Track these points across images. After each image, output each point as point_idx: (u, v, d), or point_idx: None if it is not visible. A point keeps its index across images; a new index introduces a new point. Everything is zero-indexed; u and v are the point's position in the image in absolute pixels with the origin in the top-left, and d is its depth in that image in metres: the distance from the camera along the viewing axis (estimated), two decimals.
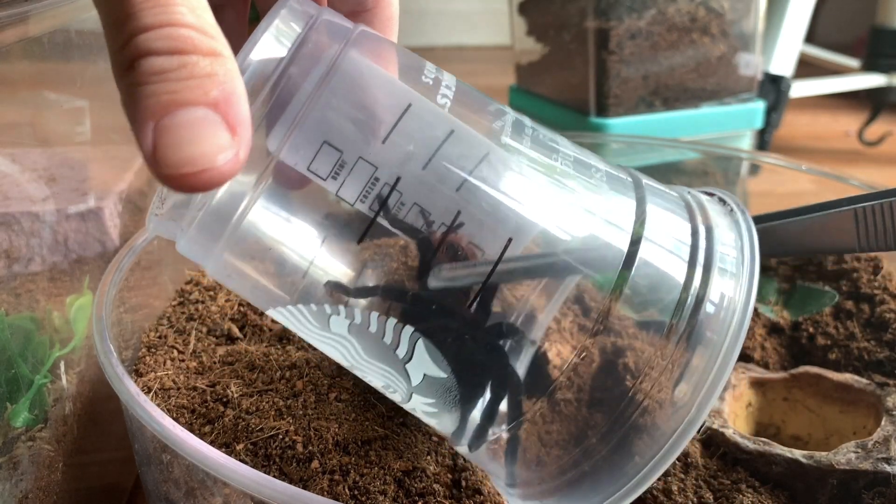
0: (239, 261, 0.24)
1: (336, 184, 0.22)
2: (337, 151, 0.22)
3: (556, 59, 0.71)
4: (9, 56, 0.32)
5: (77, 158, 0.43)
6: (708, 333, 0.23)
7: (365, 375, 0.26)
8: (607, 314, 0.23)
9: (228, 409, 0.31)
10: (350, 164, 0.22)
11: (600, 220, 0.24)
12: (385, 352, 0.24)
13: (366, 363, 0.25)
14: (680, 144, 0.61)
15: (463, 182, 0.23)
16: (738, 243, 0.25)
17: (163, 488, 0.29)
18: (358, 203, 0.22)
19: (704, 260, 0.24)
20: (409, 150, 0.22)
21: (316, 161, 0.22)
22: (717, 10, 0.65)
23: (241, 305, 0.40)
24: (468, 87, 0.26)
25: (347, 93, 0.22)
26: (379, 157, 0.22)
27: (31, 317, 0.34)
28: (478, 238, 0.23)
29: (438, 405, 0.25)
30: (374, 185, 0.22)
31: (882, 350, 0.38)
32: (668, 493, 0.30)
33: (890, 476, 0.29)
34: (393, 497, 0.27)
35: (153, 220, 0.24)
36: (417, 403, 0.25)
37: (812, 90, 0.95)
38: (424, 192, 0.22)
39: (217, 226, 0.23)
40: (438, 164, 0.23)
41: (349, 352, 0.25)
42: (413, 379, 0.24)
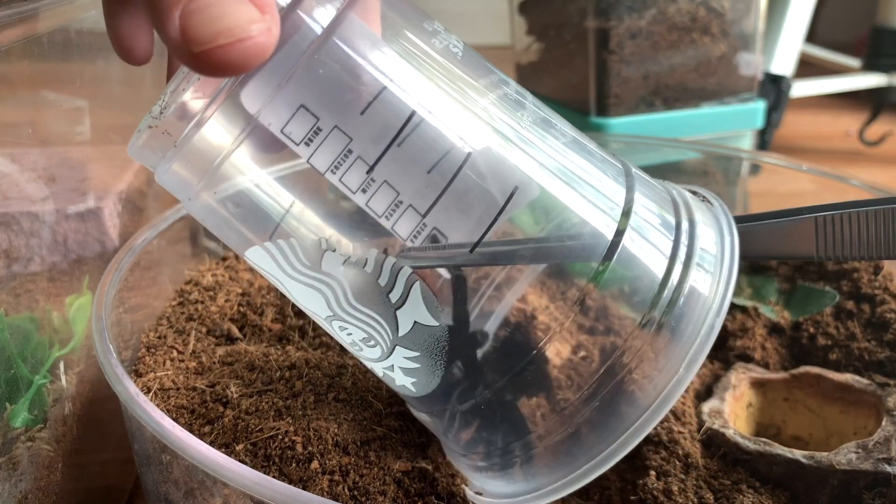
0: (218, 200, 0.23)
1: (308, 150, 0.22)
2: (313, 117, 0.21)
3: (557, 59, 0.71)
4: (9, 56, 0.32)
5: (76, 158, 0.43)
6: (681, 329, 0.23)
7: (344, 328, 0.25)
8: (584, 298, 0.23)
9: (228, 410, 0.31)
10: (325, 132, 0.21)
11: (590, 205, 0.24)
12: (377, 295, 0.23)
13: (351, 310, 0.24)
14: (680, 144, 0.61)
15: (436, 164, 0.22)
16: (718, 242, 0.25)
17: (162, 489, 0.29)
18: (328, 174, 0.22)
19: (685, 256, 0.24)
20: (387, 124, 0.22)
21: (290, 124, 0.21)
22: (718, 9, 0.64)
23: (241, 306, 0.40)
24: (473, 53, 0.25)
25: (338, 58, 0.22)
26: (355, 129, 0.22)
27: (31, 317, 0.34)
28: (444, 224, 0.22)
29: (422, 359, 0.24)
30: (347, 157, 0.22)
31: (883, 350, 0.38)
32: (668, 494, 0.30)
33: (890, 476, 0.29)
34: (393, 497, 0.27)
35: (138, 140, 0.23)
36: (398, 359, 0.24)
37: (812, 90, 0.95)
38: (396, 170, 0.22)
39: (199, 163, 0.22)
40: (414, 142, 0.22)
41: (335, 296, 0.24)
42: (402, 327, 0.24)
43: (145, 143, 0.23)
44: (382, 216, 0.22)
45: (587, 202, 0.24)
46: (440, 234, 0.22)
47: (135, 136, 0.24)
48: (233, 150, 0.22)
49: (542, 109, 0.26)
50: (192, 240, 0.47)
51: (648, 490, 0.30)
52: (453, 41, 0.25)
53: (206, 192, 0.23)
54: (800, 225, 0.28)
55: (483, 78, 0.25)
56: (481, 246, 0.23)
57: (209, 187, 0.23)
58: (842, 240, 0.28)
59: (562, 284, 0.45)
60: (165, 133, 0.23)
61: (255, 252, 0.24)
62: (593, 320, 0.24)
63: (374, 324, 0.24)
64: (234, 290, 0.42)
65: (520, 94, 0.25)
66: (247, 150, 0.22)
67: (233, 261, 0.45)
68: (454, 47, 0.24)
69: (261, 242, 0.24)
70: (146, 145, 0.23)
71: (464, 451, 0.26)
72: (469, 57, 0.25)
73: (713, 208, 0.27)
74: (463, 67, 0.24)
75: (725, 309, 0.23)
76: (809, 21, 0.91)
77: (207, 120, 0.22)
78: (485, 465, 0.25)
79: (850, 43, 1.21)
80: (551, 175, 0.24)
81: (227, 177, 0.23)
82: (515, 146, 0.23)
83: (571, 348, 0.24)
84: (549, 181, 0.23)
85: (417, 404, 0.26)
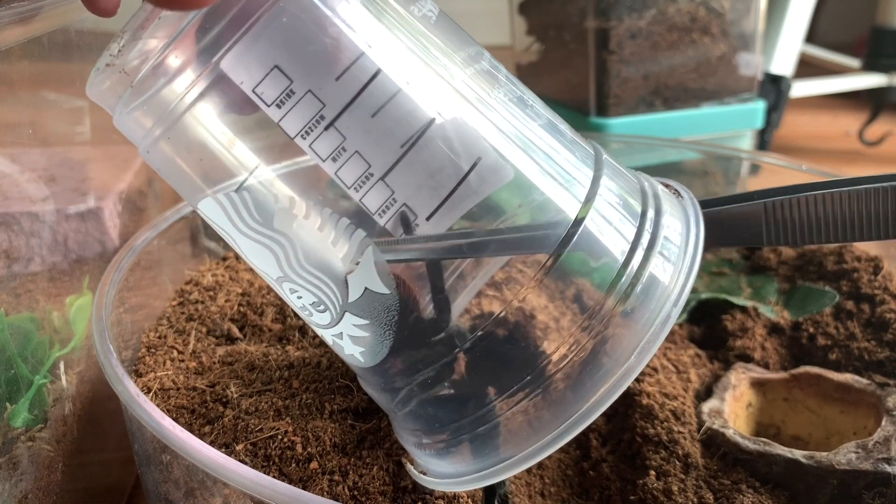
0: (175, 149, 0.23)
1: (279, 113, 0.21)
2: (287, 79, 0.21)
3: (556, 59, 0.71)
4: (9, 56, 0.32)
5: (77, 158, 0.43)
6: (637, 316, 0.23)
7: (294, 290, 0.24)
8: (542, 277, 0.23)
9: (228, 410, 0.31)
10: (298, 95, 0.21)
11: (557, 184, 0.24)
12: (329, 257, 0.23)
13: (301, 271, 0.23)
14: (680, 144, 0.61)
15: (411, 138, 0.22)
16: (683, 233, 0.25)
17: (163, 488, 0.29)
18: (298, 139, 0.21)
19: (647, 243, 0.24)
20: (361, 93, 0.21)
21: (263, 84, 0.21)
22: (718, 10, 0.64)
23: (241, 306, 0.40)
24: (451, 22, 0.25)
25: (316, 20, 0.21)
26: (329, 95, 0.21)
27: (31, 317, 0.34)
28: (413, 200, 0.22)
29: (371, 327, 0.24)
30: (319, 124, 0.21)
31: (882, 350, 0.38)
32: (668, 494, 0.30)
33: (890, 476, 0.29)
34: (392, 497, 0.27)
35: (95, 79, 0.23)
36: (347, 326, 0.24)
37: (812, 90, 0.94)
38: (369, 142, 0.21)
39: (156, 111, 0.22)
40: (389, 114, 0.21)
41: (286, 255, 0.23)
42: (352, 293, 0.23)
43: (103, 83, 0.23)
44: (352, 187, 0.22)
45: (554, 182, 0.24)
46: (409, 211, 0.22)
47: (93, 74, 0.23)
48: (193, 95, 0.22)
49: (517, 87, 0.25)
50: (192, 240, 0.47)
51: (648, 490, 0.30)
52: (429, 7, 0.24)
53: (165, 140, 0.23)
54: (750, 210, 0.28)
55: (461, 51, 0.24)
56: (454, 236, 0.22)
57: (167, 134, 0.22)
58: (791, 225, 0.28)
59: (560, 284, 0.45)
60: (123, 72, 0.22)
61: (208, 204, 0.23)
62: (549, 300, 0.23)
63: (325, 287, 0.24)
64: (234, 290, 0.42)
65: (494, 69, 0.25)
66: (213, 107, 0.22)
67: (233, 261, 0.45)
68: (430, 13, 0.24)
69: (213, 194, 0.23)
70: (104, 84, 0.23)
71: (411, 426, 0.25)
72: (447, 26, 0.24)
73: (682, 201, 0.27)
74: (442, 38, 0.24)
75: (683, 299, 0.23)
76: (809, 21, 0.91)
77: (165, 60, 0.21)
78: (429, 443, 0.25)
79: (850, 43, 1.21)
80: (521, 152, 0.23)
81: (189, 128, 0.22)
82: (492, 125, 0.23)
83: (524, 327, 0.23)
84: (519, 158, 0.23)
85: (366, 376, 0.26)
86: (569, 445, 0.35)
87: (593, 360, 0.23)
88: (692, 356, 0.40)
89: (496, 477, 0.23)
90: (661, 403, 0.34)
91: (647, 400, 0.34)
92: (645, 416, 0.33)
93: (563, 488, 0.33)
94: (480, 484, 0.24)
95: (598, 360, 0.23)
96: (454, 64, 0.24)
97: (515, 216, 0.23)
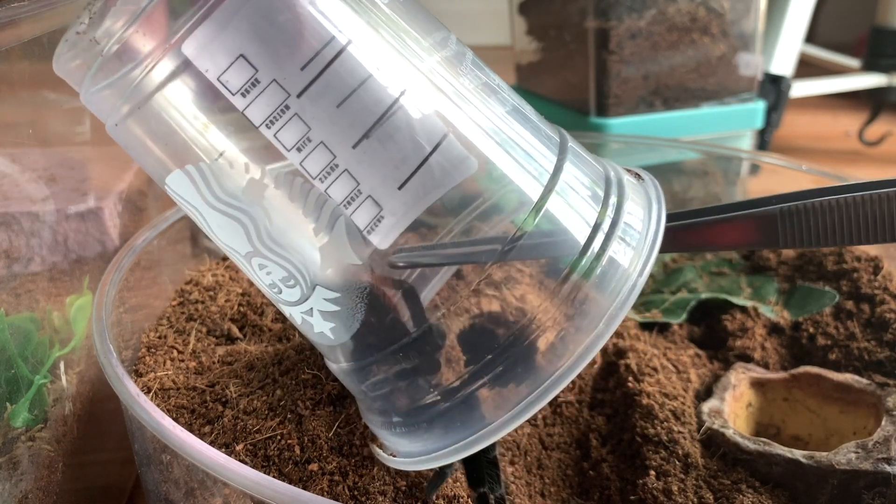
0: (143, 128, 0.23)
1: (244, 101, 0.21)
2: (252, 68, 0.21)
3: (556, 59, 0.71)
4: (9, 56, 0.32)
5: (77, 158, 0.43)
6: (594, 299, 0.23)
7: (264, 266, 0.24)
8: (507, 251, 0.23)
9: (228, 410, 0.31)
10: (263, 84, 0.21)
11: (521, 168, 0.24)
12: (300, 229, 0.23)
13: (272, 244, 0.23)
14: (680, 144, 0.61)
15: (373, 129, 0.22)
16: (645, 220, 0.25)
17: (163, 488, 0.29)
18: (263, 128, 0.21)
19: (608, 227, 0.24)
20: (326, 83, 0.21)
21: (228, 73, 0.21)
22: (717, 10, 0.64)
23: (241, 305, 0.40)
24: (418, 7, 0.25)
25: (282, 9, 0.21)
26: (294, 85, 0.21)
27: (31, 317, 0.34)
28: (378, 192, 0.22)
29: (343, 300, 0.24)
30: (284, 113, 0.21)
31: (882, 350, 0.38)
32: (668, 494, 0.30)
33: (890, 476, 0.29)
34: (393, 497, 0.27)
35: (63, 51, 0.23)
36: (318, 300, 0.24)
37: (812, 90, 0.95)
38: (334, 132, 0.21)
39: (124, 91, 0.22)
40: (353, 104, 0.22)
41: (255, 228, 0.23)
42: (323, 264, 0.23)
43: (72, 60, 0.23)
44: (317, 178, 0.22)
45: (520, 170, 0.24)
46: (374, 203, 0.22)
47: (60, 46, 0.23)
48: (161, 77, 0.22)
49: (483, 72, 0.26)
50: (192, 240, 0.47)
51: (648, 490, 0.30)
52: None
53: (133, 119, 0.23)
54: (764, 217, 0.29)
55: (429, 36, 0.24)
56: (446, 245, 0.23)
57: (136, 114, 0.23)
58: (804, 231, 0.28)
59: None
60: (93, 41, 0.22)
61: (176, 178, 0.23)
62: (506, 280, 0.24)
63: (295, 260, 0.23)
64: (234, 290, 0.42)
65: (461, 55, 0.25)
66: (183, 89, 0.22)
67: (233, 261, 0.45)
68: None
69: (182, 167, 0.23)
70: (73, 62, 0.23)
71: (381, 406, 0.25)
72: (414, 11, 0.24)
73: (644, 184, 0.27)
74: (410, 23, 0.24)
75: (640, 285, 0.23)
76: (809, 21, 0.91)
77: (133, 40, 0.21)
78: (399, 421, 0.25)
79: (850, 43, 1.21)
80: (489, 142, 0.23)
81: (159, 109, 0.22)
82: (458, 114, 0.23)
83: (488, 304, 0.24)
84: (485, 148, 0.23)
85: (335, 355, 0.26)
86: (568, 445, 0.35)
87: (558, 334, 0.23)
88: (692, 356, 0.40)
89: (471, 448, 0.23)
90: (661, 403, 0.34)
91: (647, 400, 0.34)
92: (645, 416, 0.33)
93: (563, 488, 0.33)
94: (455, 457, 0.23)
95: (561, 335, 0.23)
96: (422, 50, 0.24)
97: (480, 207, 0.24)
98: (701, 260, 0.48)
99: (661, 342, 0.41)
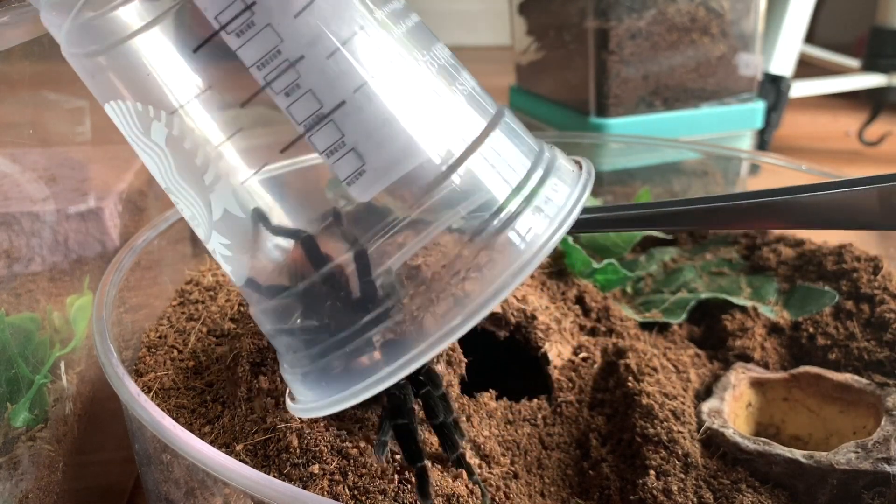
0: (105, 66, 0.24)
1: (238, 41, 0.22)
2: (249, 11, 0.22)
3: (556, 59, 0.71)
4: (9, 56, 0.32)
5: (77, 158, 0.43)
6: (500, 257, 0.23)
7: (178, 201, 0.26)
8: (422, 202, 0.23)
9: (227, 410, 0.31)
10: (258, 26, 0.22)
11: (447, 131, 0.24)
12: (194, 175, 0.24)
13: (177, 184, 0.25)
14: (680, 144, 0.61)
15: (363, 84, 0.23)
16: (567, 196, 0.25)
17: (163, 488, 0.29)
18: (254, 69, 0.22)
19: (528, 193, 0.24)
20: (318, 33, 0.22)
21: (226, 13, 0.22)
22: (717, 10, 0.65)
23: (242, 305, 0.40)
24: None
25: None
26: (287, 31, 0.22)
27: (31, 317, 0.34)
28: (362, 146, 0.23)
29: (234, 248, 0.25)
30: (275, 57, 0.22)
31: (882, 350, 0.38)
32: (668, 493, 0.30)
33: (890, 476, 0.29)
34: (393, 497, 0.27)
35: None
36: (216, 244, 0.25)
37: (812, 90, 0.95)
38: (323, 82, 0.22)
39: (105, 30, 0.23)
40: (343, 57, 0.23)
41: (164, 167, 0.25)
42: (214, 212, 0.24)
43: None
44: (301, 124, 0.23)
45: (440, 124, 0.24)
46: (358, 156, 0.23)
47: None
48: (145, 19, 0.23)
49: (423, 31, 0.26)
50: (192, 240, 0.47)
51: (648, 490, 0.30)
52: None
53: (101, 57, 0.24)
54: (862, 195, 0.29)
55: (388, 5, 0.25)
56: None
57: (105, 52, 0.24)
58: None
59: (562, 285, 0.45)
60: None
61: (108, 108, 0.25)
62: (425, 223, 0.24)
63: (195, 203, 0.25)
64: (234, 290, 0.42)
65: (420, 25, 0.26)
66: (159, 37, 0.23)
67: None
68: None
69: (109, 101, 0.25)
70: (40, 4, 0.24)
71: (289, 359, 0.26)
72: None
73: (580, 172, 0.27)
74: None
75: (546, 252, 0.24)
76: (809, 21, 0.91)
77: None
78: (305, 372, 0.25)
79: (850, 43, 1.21)
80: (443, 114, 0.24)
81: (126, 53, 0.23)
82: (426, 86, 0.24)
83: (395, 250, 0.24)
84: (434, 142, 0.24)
85: (245, 297, 0.26)
86: (568, 445, 0.35)
87: (461, 285, 0.23)
88: (692, 356, 0.40)
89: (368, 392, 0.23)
90: (661, 403, 0.34)
91: (646, 400, 0.34)
92: (645, 416, 0.33)
93: (563, 488, 0.33)
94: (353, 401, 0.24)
95: (463, 286, 0.23)
96: (387, 18, 0.25)
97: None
98: (700, 260, 0.48)
99: (661, 342, 0.41)
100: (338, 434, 0.29)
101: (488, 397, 0.35)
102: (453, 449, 0.30)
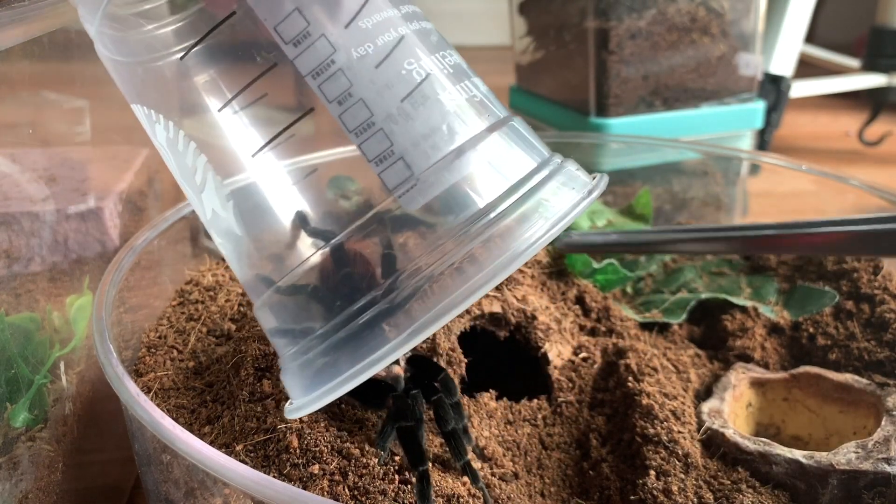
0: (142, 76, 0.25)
1: (296, 51, 0.23)
2: (305, 21, 0.23)
3: (556, 59, 0.71)
4: (9, 56, 0.32)
5: (77, 158, 0.43)
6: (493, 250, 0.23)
7: (189, 197, 0.27)
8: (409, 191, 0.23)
9: (227, 410, 0.31)
10: (313, 37, 0.23)
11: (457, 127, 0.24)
12: (188, 175, 0.25)
13: (181, 181, 0.26)
14: (680, 144, 0.61)
15: (410, 94, 0.23)
16: (568, 202, 0.25)
17: (163, 488, 0.29)
18: (309, 78, 0.23)
19: (524, 193, 0.24)
20: (367, 44, 0.23)
21: (284, 24, 0.23)
22: (717, 10, 0.64)
23: (242, 305, 0.40)
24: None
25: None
26: (340, 41, 0.23)
27: (32, 317, 0.34)
28: (410, 155, 0.23)
29: (227, 247, 0.26)
30: (329, 67, 0.23)
31: (882, 350, 0.38)
32: (668, 494, 0.30)
33: (890, 476, 0.29)
34: (393, 497, 0.27)
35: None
36: (217, 239, 0.26)
37: (812, 90, 0.95)
38: (373, 91, 0.23)
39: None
40: (390, 67, 0.23)
41: (171, 167, 0.26)
42: (206, 211, 0.26)
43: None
44: (353, 132, 0.23)
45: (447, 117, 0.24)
46: (406, 165, 0.23)
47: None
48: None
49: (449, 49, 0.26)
50: (192, 240, 0.47)
51: (648, 490, 0.30)
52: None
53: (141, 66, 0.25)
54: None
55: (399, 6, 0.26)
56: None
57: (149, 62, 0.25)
58: None
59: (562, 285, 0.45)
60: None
61: (134, 108, 0.26)
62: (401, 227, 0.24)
63: (195, 201, 0.26)
64: (234, 290, 0.42)
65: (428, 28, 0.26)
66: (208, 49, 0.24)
67: None
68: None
69: (132, 103, 0.26)
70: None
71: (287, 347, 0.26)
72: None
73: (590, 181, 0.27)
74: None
75: (538, 247, 0.23)
76: (809, 21, 0.91)
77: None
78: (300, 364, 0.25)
79: (850, 43, 1.21)
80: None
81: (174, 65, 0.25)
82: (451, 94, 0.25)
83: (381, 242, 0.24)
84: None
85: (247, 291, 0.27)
86: (568, 445, 0.35)
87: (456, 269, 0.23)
88: (692, 356, 0.40)
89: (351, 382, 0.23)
90: (661, 403, 0.34)
91: (647, 400, 0.34)
92: (645, 416, 0.33)
93: (563, 488, 0.33)
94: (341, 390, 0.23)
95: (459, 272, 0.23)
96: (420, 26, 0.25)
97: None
98: (701, 260, 0.48)
99: (661, 342, 0.41)
100: (338, 434, 0.29)
101: (488, 397, 0.35)
102: (461, 456, 0.30)
